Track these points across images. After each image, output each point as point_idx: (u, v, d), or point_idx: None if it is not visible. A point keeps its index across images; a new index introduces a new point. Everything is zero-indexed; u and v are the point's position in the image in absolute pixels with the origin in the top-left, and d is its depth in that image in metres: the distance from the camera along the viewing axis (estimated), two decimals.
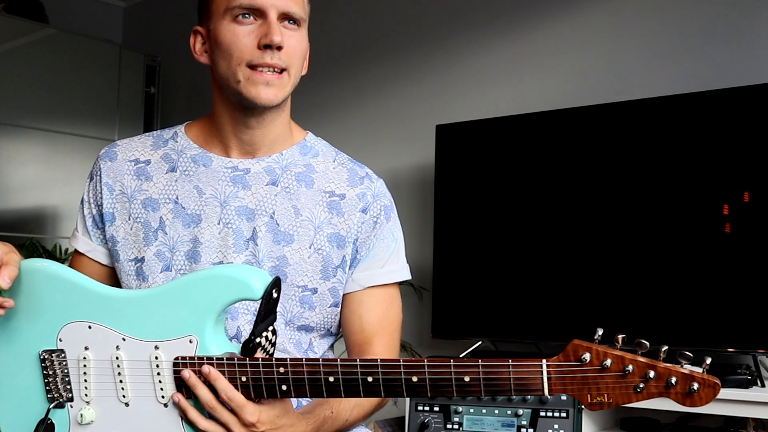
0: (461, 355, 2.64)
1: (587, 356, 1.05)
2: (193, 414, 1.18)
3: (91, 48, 4.09)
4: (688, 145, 2.42)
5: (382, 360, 1.11)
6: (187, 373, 1.17)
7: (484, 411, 1.60)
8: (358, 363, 1.12)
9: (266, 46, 1.31)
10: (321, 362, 1.13)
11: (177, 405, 1.19)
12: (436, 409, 1.64)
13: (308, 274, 1.37)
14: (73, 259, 1.53)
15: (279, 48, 1.32)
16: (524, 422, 1.54)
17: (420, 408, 1.65)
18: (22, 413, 1.28)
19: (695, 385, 1.02)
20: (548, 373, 1.06)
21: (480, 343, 2.75)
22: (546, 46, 3.01)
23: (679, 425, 2.39)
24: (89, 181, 1.48)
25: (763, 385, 2.14)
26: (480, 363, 1.08)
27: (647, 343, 1.04)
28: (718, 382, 1.03)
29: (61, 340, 1.26)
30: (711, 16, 2.64)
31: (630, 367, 1.03)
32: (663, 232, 2.43)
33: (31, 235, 3.84)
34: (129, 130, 4.15)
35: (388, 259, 1.44)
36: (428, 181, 3.09)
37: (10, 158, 3.88)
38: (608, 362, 1.04)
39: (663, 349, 1.05)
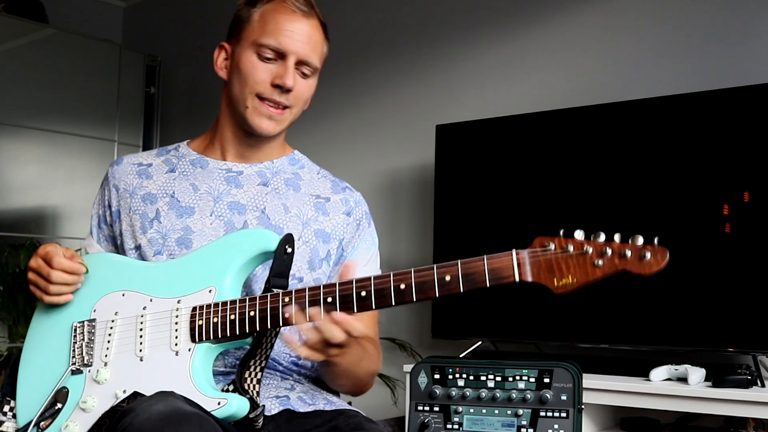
0: (461, 356, 2.64)
1: (552, 245, 1.16)
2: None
3: (91, 48, 4.09)
4: (688, 145, 2.42)
5: (374, 276, 1.22)
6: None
7: (484, 411, 1.60)
8: (354, 281, 1.22)
9: (278, 86, 1.46)
10: (321, 287, 1.24)
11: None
12: (436, 409, 1.63)
13: (296, 263, 1.43)
14: None
15: (289, 90, 1.46)
16: (524, 422, 1.54)
17: (420, 408, 1.65)
18: (41, 379, 1.36)
19: (647, 254, 1.13)
20: (518, 260, 1.17)
21: (480, 343, 2.75)
22: (546, 46, 3.01)
23: (679, 425, 2.39)
24: (100, 188, 1.60)
25: (763, 385, 2.14)
26: (459, 262, 1.21)
27: (603, 234, 1.15)
28: (666, 249, 1.15)
29: (95, 311, 1.36)
30: (711, 16, 2.64)
31: (589, 248, 1.14)
32: (663, 232, 2.42)
33: (31, 235, 3.84)
34: (129, 130, 4.15)
35: (369, 260, 1.55)
36: (428, 181, 3.09)
37: (10, 158, 3.88)
38: (570, 247, 1.15)
39: (616, 235, 1.15)
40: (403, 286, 1.20)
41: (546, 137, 2.70)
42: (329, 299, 1.22)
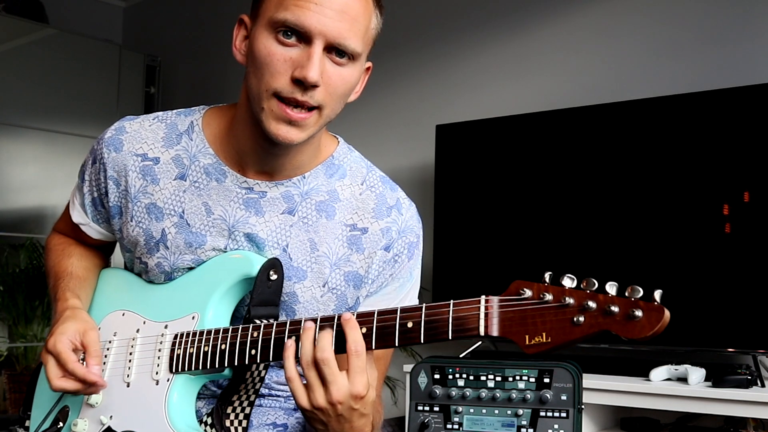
0: (461, 356, 2.64)
1: (528, 292, 0.97)
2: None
3: (91, 48, 4.09)
4: (688, 145, 2.42)
5: (339, 315, 1.09)
6: (290, 342, 1.10)
7: (484, 411, 1.60)
8: (318, 318, 1.11)
9: (298, 81, 1.11)
10: (288, 323, 1.12)
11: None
12: (436, 409, 1.63)
13: (320, 313, 1.23)
14: (62, 218, 1.50)
15: (314, 86, 1.12)
16: (524, 422, 1.54)
17: (420, 408, 1.64)
18: (50, 396, 1.35)
19: (638, 312, 0.91)
20: (486, 310, 1.00)
21: (480, 343, 2.75)
22: (546, 46, 3.01)
23: (679, 425, 2.39)
24: (91, 163, 1.36)
25: (763, 385, 2.14)
26: (423, 306, 1.04)
27: (595, 282, 0.94)
28: (665, 308, 0.93)
29: (99, 329, 1.30)
30: (711, 16, 2.64)
31: (569, 299, 0.94)
32: (663, 232, 2.43)
33: (31, 235, 3.84)
34: None
35: (399, 301, 1.31)
36: (428, 181, 3.09)
37: (10, 158, 3.88)
38: (548, 296, 0.96)
39: (609, 284, 0.94)
40: (364, 330, 1.06)
41: (546, 137, 2.70)
42: (293, 337, 1.09)
